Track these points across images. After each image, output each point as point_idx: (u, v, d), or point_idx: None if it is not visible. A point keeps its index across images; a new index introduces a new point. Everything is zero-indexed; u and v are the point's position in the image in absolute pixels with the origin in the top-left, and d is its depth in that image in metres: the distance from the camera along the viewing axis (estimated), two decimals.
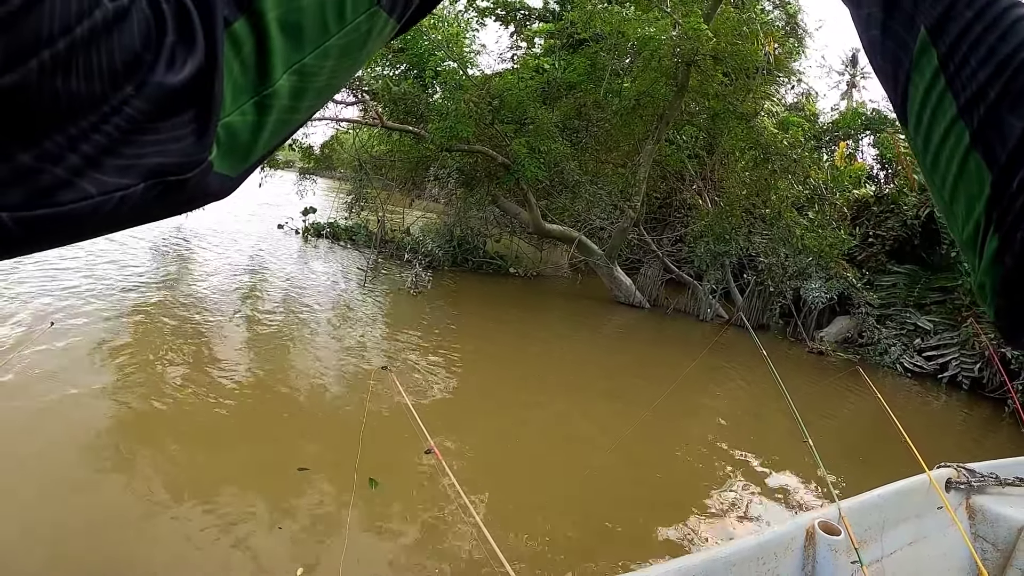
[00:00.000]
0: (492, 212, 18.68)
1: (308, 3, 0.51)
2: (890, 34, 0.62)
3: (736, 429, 8.41)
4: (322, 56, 0.53)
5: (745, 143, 15.42)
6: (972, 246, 0.57)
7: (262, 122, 0.51)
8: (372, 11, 0.55)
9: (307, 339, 9.89)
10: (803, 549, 2.76)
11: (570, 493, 6.17)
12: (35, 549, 4.31)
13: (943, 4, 0.57)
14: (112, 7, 0.40)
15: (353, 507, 5.06)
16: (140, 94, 0.42)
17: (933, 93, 0.58)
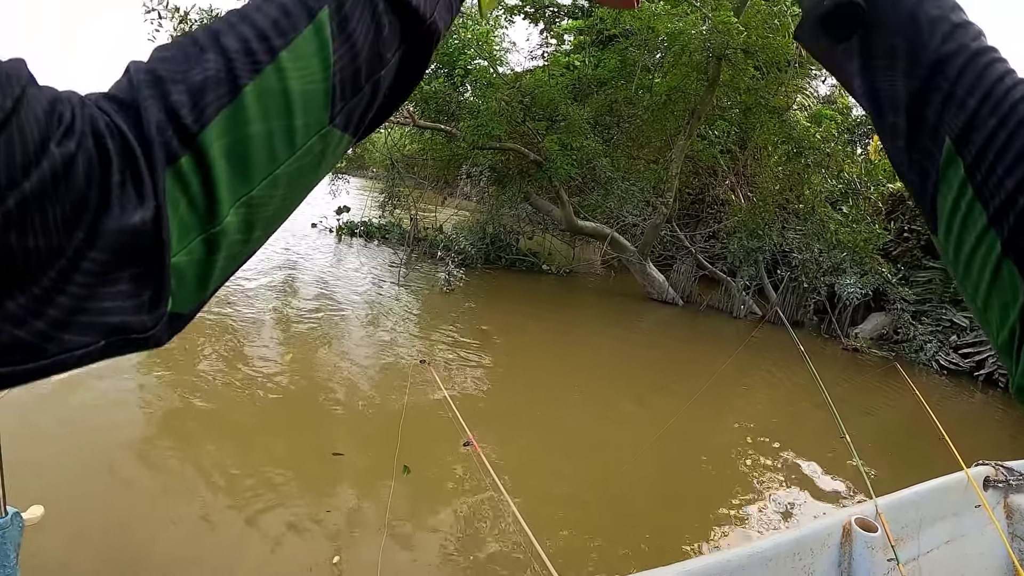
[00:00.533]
0: (524, 209, 18.65)
1: (255, 132, 0.51)
2: (916, 145, 0.62)
3: (772, 425, 8.38)
4: (271, 186, 0.53)
5: (778, 137, 15.28)
6: (1008, 352, 0.57)
7: (212, 260, 0.51)
8: (325, 131, 0.56)
9: (342, 335, 9.96)
10: (839, 546, 2.76)
11: (607, 488, 6.19)
12: (86, 548, 4.40)
13: (967, 113, 0.57)
14: (59, 154, 0.41)
15: (392, 497, 5.10)
16: (93, 244, 0.43)
17: (962, 203, 0.58)
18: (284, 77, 0.52)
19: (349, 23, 0.56)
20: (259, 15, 0.54)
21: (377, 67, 0.58)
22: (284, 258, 15.18)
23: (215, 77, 0.50)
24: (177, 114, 0.48)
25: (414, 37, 0.61)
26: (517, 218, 19.02)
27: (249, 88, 0.51)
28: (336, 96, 0.55)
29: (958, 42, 0.60)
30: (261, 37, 0.52)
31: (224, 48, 0.51)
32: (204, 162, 0.48)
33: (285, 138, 0.53)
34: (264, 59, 0.52)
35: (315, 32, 0.54)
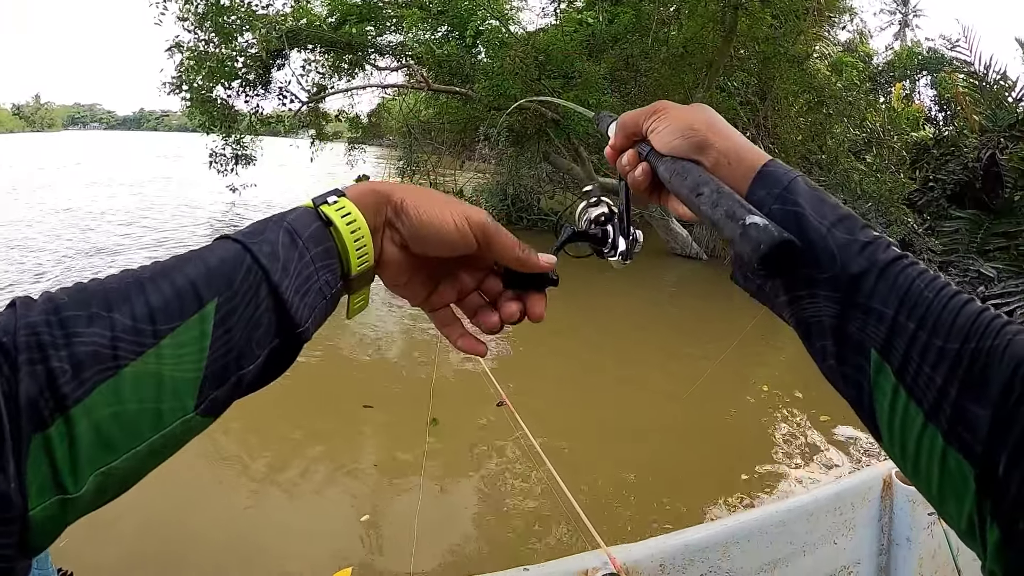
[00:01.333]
0: (544, 169, 18.56)
1: (126, 410, 0.52)
2: (846, 362, 0.65)
3: (803, 380, 8.31)
4: (131, 459, 0.53)
5: (798, 87, 15.05)
6: (972, 537, 0.57)
7: (64, 517, 0.51)
8: (188, 417, 0.57)
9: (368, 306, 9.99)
10: (880, 500, 2.70)
11: (640, 446, 6.20)
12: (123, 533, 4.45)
13: (886, 322, 0.61)
14: None
15: (426, 456, 5.13)
16: None
17: (898, 406, 0.60)
18: (162, 362, 0.54)
19: (232, 317, 0.59)
20: (154, 292, 0.56)
21: (247, 362, 0.61)
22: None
23: (99, 352, 0.51)
24: (55, 382, 0.49)
25: (285, 338, 0.64)
26: (537, 178, 18.92)
27: (128, 369, 0.52)
28: (205, 386, 0.57)
29: (868, 259, 0.64)
30: (150, 318, 0.54)
31: (114, 323, 0.53)
32: (73, 433, 0.49)
33: (153, 419, 0.54)
34: (148, 342, 0.54)
35: (199, 322, 0.57)
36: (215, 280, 0.59)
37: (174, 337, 0.55)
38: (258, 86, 17.09)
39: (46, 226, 16.56)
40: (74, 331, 0.51)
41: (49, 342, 0.50)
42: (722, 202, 0.69)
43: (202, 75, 15.70)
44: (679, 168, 0.79)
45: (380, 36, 17.30)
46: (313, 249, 0.66)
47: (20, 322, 0.50)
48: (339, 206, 0.70)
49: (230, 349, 0.59)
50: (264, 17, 15.58)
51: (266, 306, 0.61)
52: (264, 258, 0.62)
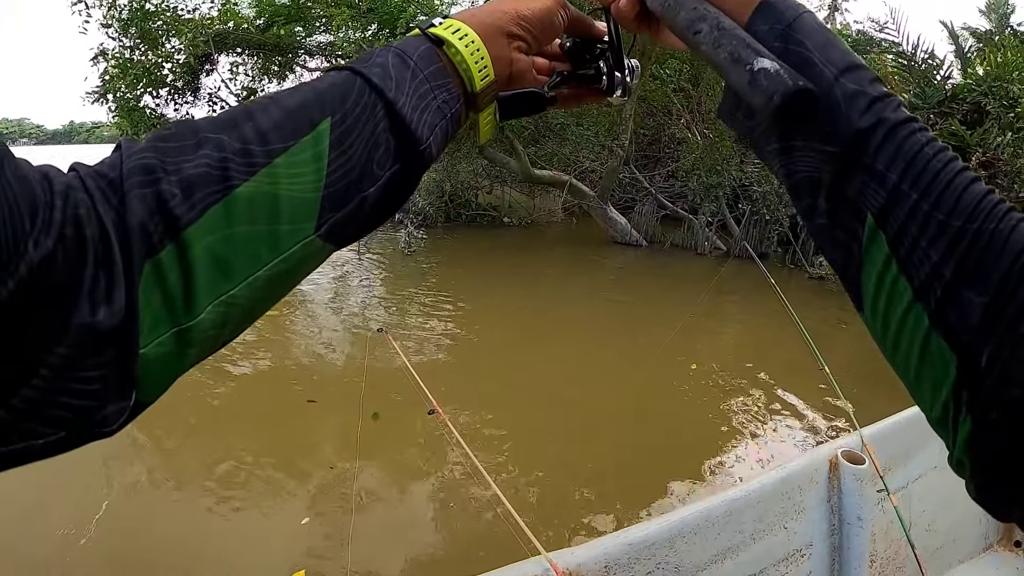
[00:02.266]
0: (481, 164, 18.54)
1: (241, 233, 0.50)
2: (837, 223, 0.61)
3: (748, 362, 8.36)
4: (251, 287, 0.52)
5: None
6: (944, 426, 0.56)
7: (182, 352, 0.49)
8: (308, 240, 0.55)
9: (305, 308, 9.86)
10: (827, 481, 2.72)
11: (581, 441, 6.15)
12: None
13: (887, 187, 0.56)
14: (37, 256, 0.39)
15: (359, 472, 5.04)
16: (60, 339, 0.41)
17: (887, 279, 0.57)
18: (277, 183, 0.52)
19: (348, 137, 0.57)
20: (263, 116, 0.55)
21: (367, 183, 0.59)
22: None
23: (208, 174, 0.50)
24: (166, 205, 0.47)
25: (408, 159, 0.62)
26: (474, 173, 18.92)
27: (241, 189, 0.51)
28: (324, 207, 0.56)
29: (877, 115, 0.58)
30: (261, 139, 0.53)
31: (222, 145, 0.51)
32: (186, 257, 0.47)
33: (270, 242, 0.53)
34: (260, 162, 0.52)
35: (314, 142, 0.55)
36: (327, 102, 0.58)
37: (288, 156, 0.54)
38: (187, 93, 16.84)
39: None
40: (183, 156, 0.50)
41: (158, 166, 0.48)
42: (724, 42, 0.61)
43: (127, 83, 15.28)
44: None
45: (309, 37, 17.11)
46: (425, 69, 0.65)
47: (127, 155, 0.49)
48: (448, 25, 0.70)
49: (350, 169, 0.57)
50: (190, 22, 15.26)
51: (384, 126, 0.60)
52: (376, 78, 0.61)
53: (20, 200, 0.40)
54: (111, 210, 0.45)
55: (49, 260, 0.40)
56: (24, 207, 0.40)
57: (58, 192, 0.43)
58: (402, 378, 6.35)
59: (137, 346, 0.45)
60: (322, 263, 0.60)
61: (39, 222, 0.40)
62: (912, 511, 2.88)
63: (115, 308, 0.43)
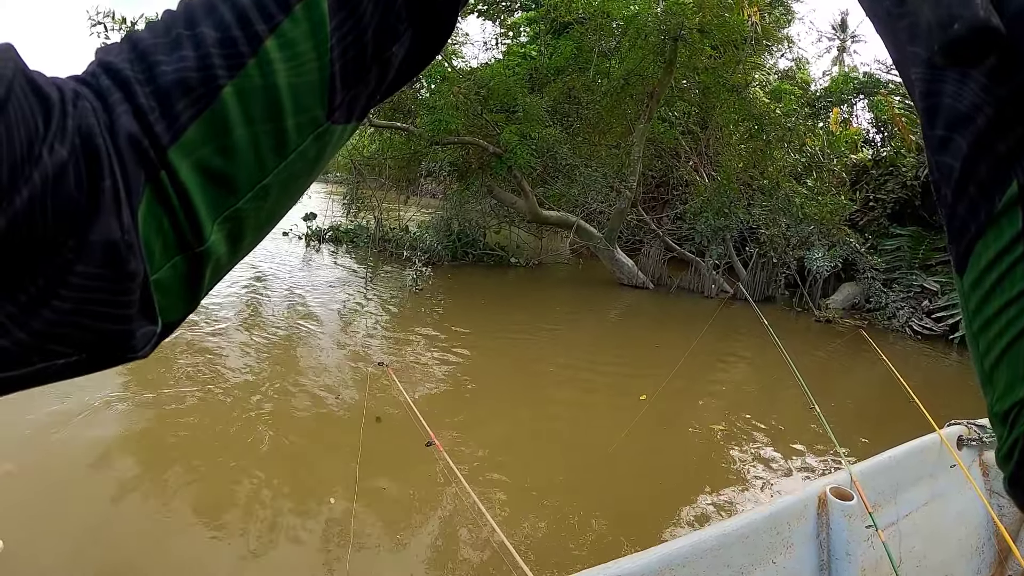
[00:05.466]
0: (489, 203, 18.61)
1: (238, 139, 0.44)
2: (971, 175, 0.50)
3: (746, 402, 8.35)
4: (260, 197, 0.46)
5: (738, 115, 15.33)
6: (1004, 422, 0.50)
7: (198, 273, 0.45)
8: (321, 130, 0.48)
9: (312, 343, 9.88)
10: (816, 516, 2.72)
11: (580, 479, 6.14)
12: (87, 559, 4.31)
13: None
14: (51, 163, 0.37)
15: (357, 505, 5.03)
16: (81, 256, 0.39)
17: (1006, 259, 0.48)
18: (270, 71, 0.44)
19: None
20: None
21: (388, 42, 0.49)
22: (253, 267, 15.12)
23: (187, 78, 0.43)
24: (147, 122, 0.42)
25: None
26: (482, 212, 18.99)
27: (228, 89, 0.43)
28: (336, 86, 0.47)
29: None
30: (242, 23, 0.44)
31: (199, 39, 0.44)
32: (177, 179, 0.42)
33: (273, 143, 0.45)
34: (245, 51, 0.44)
35: (306, 10, 0.45)
36: None
37: (278, 36, 0.45)
38: None
39: None
40: (156, 59, 0.43)
41: (132, 77, 0.42)
42: None
43: None
44: None
45: None
46: None
47: (103, 64, 0.43)
48: None
49: (362, 31, 0.47)
50: None
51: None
52: None
53: (33, 100, 0.38)
54: (108, 122, 0.41)
55: (63, 169, 0.38)
56: (37, 108, 0.38)
57: (69, 98, 0.40)
58: (403, 412, 6.42)
59: (148, 272, 0.42)
60: (340, 149, 0.52)
61: (53, 126, 0.38)
62: (902, 547, 2.88)
63: (128, 228, 0.40)
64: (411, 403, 3.58)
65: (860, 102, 19.92)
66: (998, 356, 0.50)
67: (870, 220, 15.75)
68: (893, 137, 18.17)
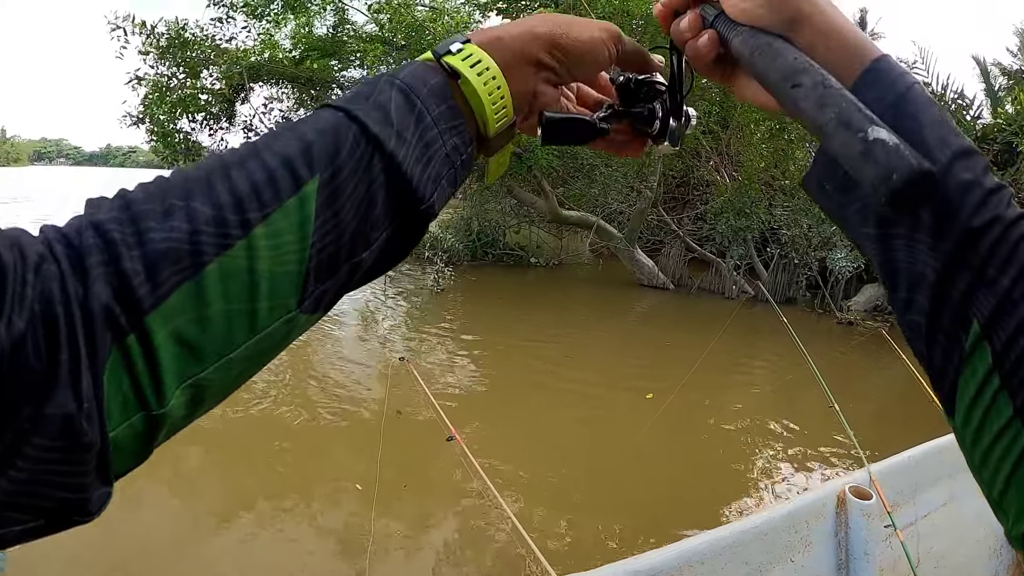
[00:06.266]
0: (509, 203, 18.59)
1: (213, 314, 0.46)
2: (937, 325, 0.55)
3: (766, 402, 8.33)
4: (224, 368, 0.48)
5: (759, 114, 15.19)
6: (1021, 544, 0.53)
7: (152, 434, 0.46)
8: (290, 316, 0.50)
9: (332, 338, 9.94)
10: (835, 515, 2.71)
11: (600, 477, 6.16)
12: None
13: (998, 294, 0.52)
14: (7, 338, 0.37)
15: (377, 502, 5.05)
16: (36, 428, 0.39)
17: (986, 392, 0.52)
18: (255, 256, 0.47)
19: (339, 197, 0.51)
20: (240, 176, 0.48)
21: (360, 248, 0.53)
22: None
23: (177, 249, 0.45)
24: (129, 286, 0.43)
25: (407, 218, 0.56)
26: (502, 212, 18.97)
27: (213, 267, 0.45)
28: (309, 280, 0.50)
29: (992, 212, 0.53)
30: (237, 206, 0.47)
31: (193, 214, 0.46)
32: (151, 343, 0.43)
33: (246, 322, 0.48)
34: (236, 233, 0.46)
35: (299, 206, 0.49)
36: (316, 155, 0.51)
37: (268, 225, 0.48)
38: (222, 119, 16.97)
39: None
40: (147, 226, 0.45)
41: (119, 240, 0.44)
42: (831, 100, 0.53)
43: (165, 109, 15.55)
44: (764, 44, 0.62)
45: (343, 71, 17.33)
46: (435, 109, 0.57)
47: (89, 222, 0.45)
48: (466, 54, 0.61)
49: (340, 235, 0.51)
50: (226, 52, 15.54)
51: (380, 181, 0.53)
52: (375, 126, 0.53)
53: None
54: (80, 286, 0.42)
55: (21, 343, 0.38)
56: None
57: (30, 264, 0.40)
58: (426, 409, 6.45)
59: (107, 433, 0.43)
60: (301, 335, 0.55)
61: (8, 296, 0.38)
62: (920, 547, 2.87)
63: (88, 396, 0.40)
64: (432, 397, 3.59)
65: None
66: (1004, 484, 0.53)
67: None
68: None
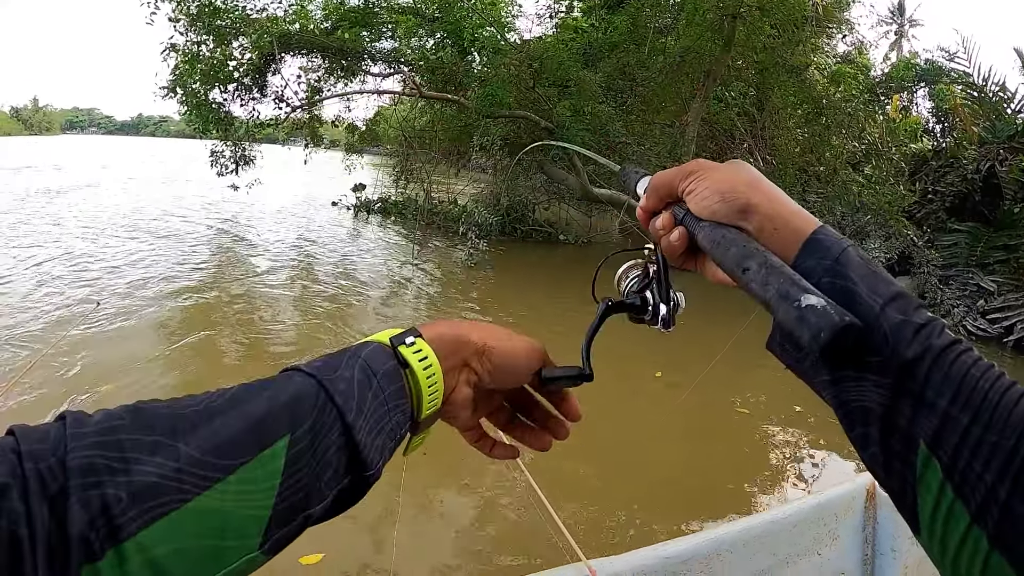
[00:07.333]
0: (539, 179, 18.52)
1: (186, 547, 0.49)
2: (890, 452, 0.61)
3: (795, 393, 8.19)
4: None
5: (796, 98, 15.01)
6: None
7: None
8: (252, 556, 0.54)
9: (358, 314, 10.00)
10: (864, 510, 2.64)
11: (626, 459, 6.15)
12: None
13: (938, 414, 0.57)
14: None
15: (406, 473, 5.06)
16: None
17: (943, 504, 0.56)
18: (228, 499, 0.51)
19: (303, 456, 0.56)
20: (222, 425, 0.53)
21: (315, 502, 0.58)
22: (303, 237, 15.32)
23: (160, 484, 0.48)
24: (109, 512, 0.45)
25: (354, 481, 0.62)
26: (532, 188, 18.92)
27: (192, 504, 0.49)
28: (271, 524, 0.54)
29: (923, 344, 0.60)
30: (218, 452, 0.52)
31: (178, 453, 0.50)
32: (125, 569, 0.45)
33: (213, 558, 0.51)
34: (214, 476, 0.51)
35: (271, 459, 0.54)
36: (288, 416, 0.57)
37: (243, 472, 0.53)
38: (254, 90, 16.98)
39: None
40: (134, 457, 0.48)
41: (104, 467, 0.47)
42: (772, 279, 0.63)
43: (196, 78, 15.52)
44: (720, 237, 0.73)
45: (375, 42, 17.30)
46: (388, 388, 0.65)
47: (72, 443, 0.47)
48: (416, 348, 0.70)
49: (299, 489, 0.56)
50: (256, 22, 15.49)
51: (337, 446, 0.60)
52: (339, 396, 0.61)
53: None
54: (45, 506, 0.44)
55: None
56: None
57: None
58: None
59: None
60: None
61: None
62: None
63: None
64: None
65: (921, 90, 19.51)
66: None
67: (928, 213, 15.26)
68: (954, 128, 17.71)
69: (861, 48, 19.83)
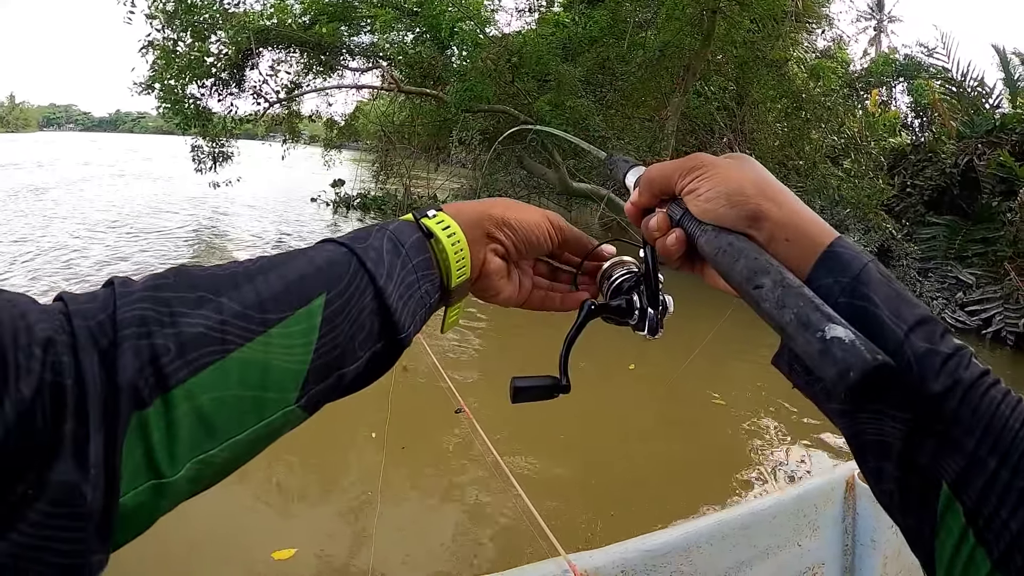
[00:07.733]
0: (519, 174, 18.51)
1: (230, 396, 0.51)
2: (908, 490, 0.57)
3: (776, 386, 8.24)
4: (230, 449, 0.52)
5: (776, 92, 15.04)
6: None
7: (156, 505, 0.49)
8: (288, 409, 0.56)
9: None
10: (843, 500, 2.66)
11: (608, 453, 6.13)
12: None
13: (964, 455, 0.53)
14: (12, 408, 0.40)
15: (385, 468, 5.03)
16: (40, 495, 0.41)
17: (963, 549, 0.53)
18: (269, 351, 0.54)
19: (339, 316, 0.59)
20: (263, 283, 0.56)
21: (349, 361, 0.61)
22: (282, 232, 15.27)
23: (206, 335, 0.51)
24: (159, 360, 0.48)
25: (387, 344, 0.65)
26: (512, 183, 18.89)
27: (236, 354, 0.52)
28: (308, 379, 0.57)
29: (951, 377, 0.54)
30: (260, 307, 0.55)
31: (221, 307, 0.53)
32: (172, 415, 0.48)
33: (256, 408, 0.53)
34: (257, 329, 0.53)
35: (308, 316, 0.57)
36: (324, 278, 0.60)
37: (283, 327, 0.55)
38: (231, 85, 16.88)
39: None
40: (181, 311, 0.51)
41: (154, 319, 0.49)
42: (790, 301, 0.56)
43: (172, 74, 15.38)
44: (726, 245, 0.66)
45: (354, 36, 17.21)
46: (415, 258, 0.68)
47: (121, 300, 0.49)
48: (439, 219, 0.72)
49: (335, 346, 0.59)
50: (233, 16, 15.36)
51: (371, 309, 0.62)
52: (370, 262, 0.63)
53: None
54: (96, 358, 0.45)
55: (28, 415, 0.40)
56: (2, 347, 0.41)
57: (37, 338, 0.43)
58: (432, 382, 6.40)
59: (118, 499, 0.45)
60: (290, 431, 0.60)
61: (17, 369, 0.40)
62: None
63: (96, 463, 0.43)
64: (440, 368, 3.56)
65: (899, 85, 19.63)
66: None
67: (907, 207, 15.36)
68: (932, 123, 17.82)
69: (840, 43, 19.95)
